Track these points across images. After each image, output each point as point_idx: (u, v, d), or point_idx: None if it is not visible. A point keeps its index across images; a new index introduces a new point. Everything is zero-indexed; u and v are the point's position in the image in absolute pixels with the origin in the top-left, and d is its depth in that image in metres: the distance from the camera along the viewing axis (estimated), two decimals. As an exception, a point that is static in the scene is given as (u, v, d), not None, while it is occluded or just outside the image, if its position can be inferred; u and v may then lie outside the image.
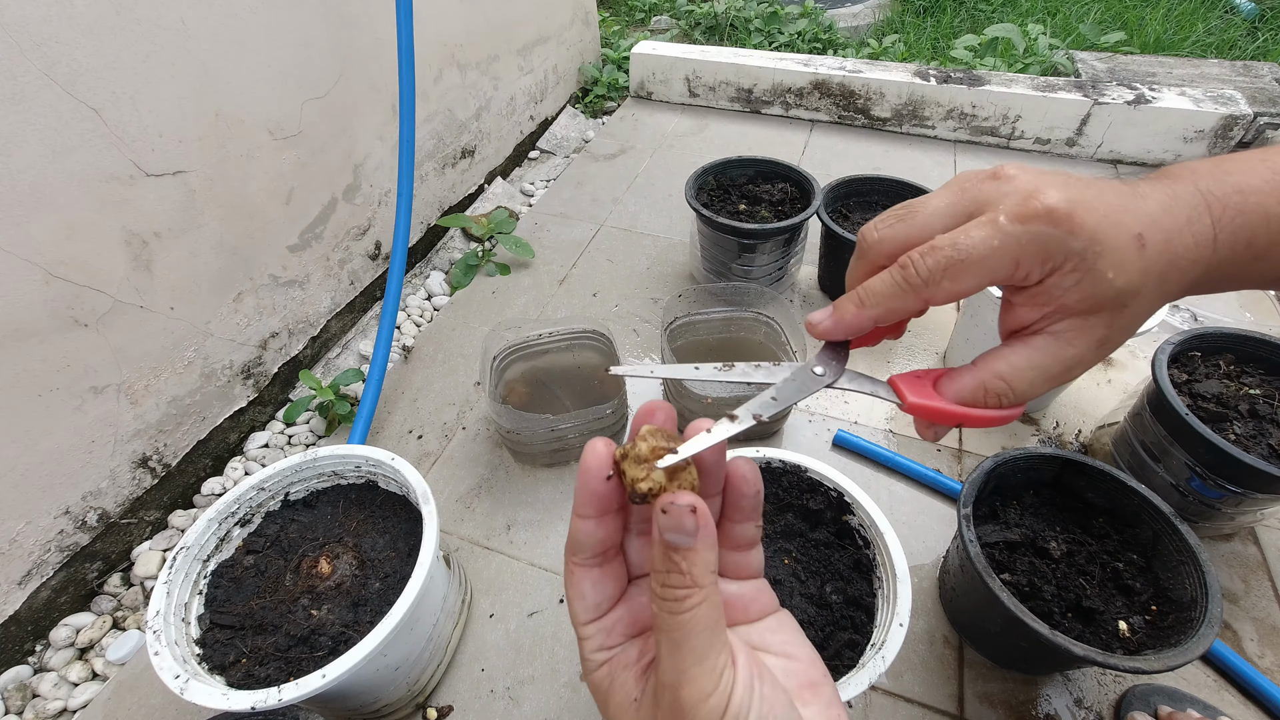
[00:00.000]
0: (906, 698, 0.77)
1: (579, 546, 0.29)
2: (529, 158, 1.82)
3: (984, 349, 0.31)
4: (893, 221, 0.32)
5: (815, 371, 0.32)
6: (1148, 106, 1.54)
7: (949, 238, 0.29)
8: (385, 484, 0.78)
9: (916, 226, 0.31)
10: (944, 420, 0.31)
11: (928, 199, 0.31)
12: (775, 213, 1.20)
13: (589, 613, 0.30)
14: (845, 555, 0.72)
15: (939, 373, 0.32)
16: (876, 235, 0.32)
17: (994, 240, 0.28)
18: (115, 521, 0.91)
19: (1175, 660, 0.59)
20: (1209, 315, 1.24)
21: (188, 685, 0.58)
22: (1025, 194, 0.28)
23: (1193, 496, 0.81)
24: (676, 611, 0.25)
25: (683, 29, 2.51)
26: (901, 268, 0.30)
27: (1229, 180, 0.30)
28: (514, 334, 1.03)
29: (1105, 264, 0.28)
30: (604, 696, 0.29)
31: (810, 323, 0.34)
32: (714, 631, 0.26)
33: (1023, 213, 0.28)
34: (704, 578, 0.25)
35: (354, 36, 1.12)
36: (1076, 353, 0.29)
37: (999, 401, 0.30)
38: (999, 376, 0.30)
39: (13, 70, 0.69)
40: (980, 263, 0.28)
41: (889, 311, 0.31)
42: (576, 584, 0.30)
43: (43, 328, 0.77)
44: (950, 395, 0.31)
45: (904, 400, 0.32)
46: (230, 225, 0.97)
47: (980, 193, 0.30)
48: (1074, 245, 0.28)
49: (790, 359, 1.03)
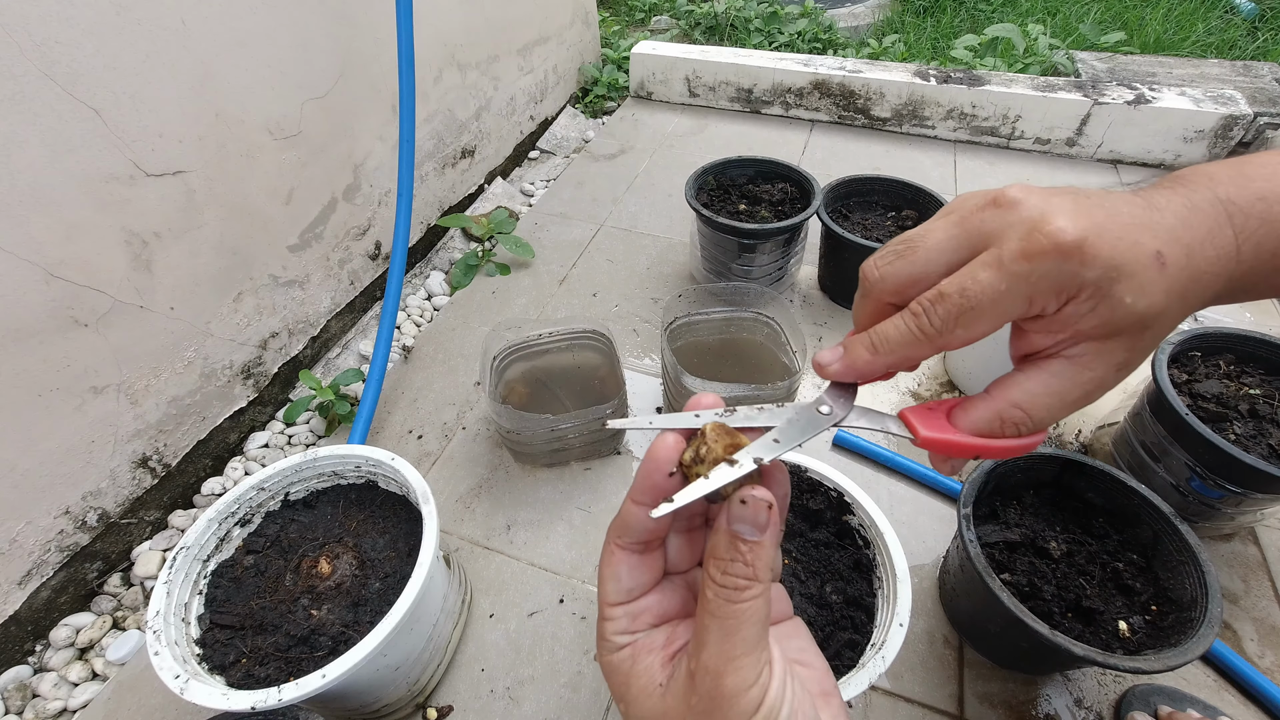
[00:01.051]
0: (906, 698, 0.77)
1: (626, 529, 0.30)
2: (529, 158, 1.82)
3: (992, 365, 0.31)
4: (893, 259, 0.30)
5: (821, 411, 0.32)
6: (1148, 106, 1.54)
7: (956, 284, 0.28)
8: (385, 484, 0.78)
9: (919, 264, 0.29)
10: (961, 453, 0.30)
11: (927, 232, 0.30)
12: (775, 213, 1.20)
13: (619, 595, 0.30)
14: (845, 555, 0.72)
15: (952, 403, 0.31)
16: (878, 274, 0.30)
17: (1001, 284, 0.27)
18: (115, 521, 0.91)
19: (1175, 660, 0.59)
20: (1209, 315, 1.24)
21: (188, 685, 0.58)
22: (1029, 227, 0.27)
23: (1193, 496, 0.81)
24: (734, 600, 0.26)
25: (683, 29, 2.51)
26: (914, 315, 0.29)
27: (1251, 188, 0.29)
28: (514, 334, 1.03)
29: (1123, 289, 0.26)
30: (623, 678, 0.29)
31: (820, 364, 0.32)
32: (763, 627, 0.26)
33: (1028, 249, 0.26)
34: (765, 573, 0.26)
35: (354, 36, 1.12)
36: (1095, 376, 0.28)
37: (1017, 431, 0.29)
38: (1016, 405, 0.29)
39: (13, 70, 0.69)
40: (991, 307, 0.27)
41: (903, 359, 0.30)
42: (614, 565, 0.30)
43: (43, 328, 0.77)
44: (965, 427, 0.30)
45: (917, 435, 0.31)
46: (230, 225, 0.97)
47: (981, 224, 0.28)
48: (1088, 275, 0.26)
49: (790, 359, 1.03)
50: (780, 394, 0.90)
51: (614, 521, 0.31)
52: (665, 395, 1.08)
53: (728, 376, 0.91)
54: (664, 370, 1.02)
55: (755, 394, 0.89)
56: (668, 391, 1.05)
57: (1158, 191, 0.29)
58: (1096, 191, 0.29)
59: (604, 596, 0.31)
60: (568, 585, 0.87)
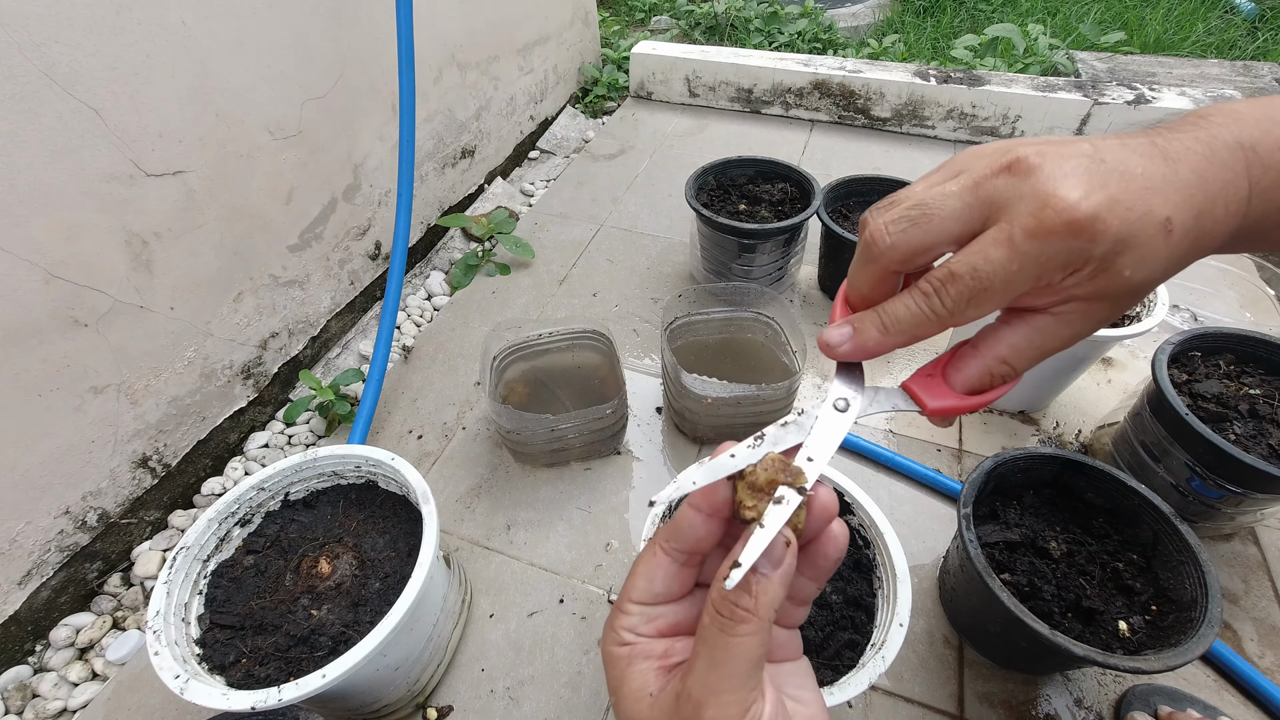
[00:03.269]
0: (906, 698, 0.77)
1: (678, 534, 0.30)
2: (529, 158, 1.82)
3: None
4: (905, 225, 0.29)
5: (838, 407, 0.32)
6: (1148, 106, 1.54)
7: (967, 263, 0.28)
8: (385, 484, 0.78)
9: (932, 233, 0.29)
10: (962, 413, 0.32)
11: (943, 198, 0.28)
12: (775, 213, 1.20)
13: (645, 595, 0.30)
14: (845, 555, 0.72)
15: (944, 359, 0.32)
16: (889, 240, 0.29)
17: (1013, 265, 0.27)
18: (115, 521, 0.91)
19: (1175, 660, 0.59)
20: (1209, 315, 1.24)
21: (188, 685, 0.58)
22: (1041, 201, 0.26)
23: (1193, 496, 0.81)
24: (728, 632, 0.25)
25: (683, 29, 2.51)
26: (925, 296, 0.29)
27: (1274, 133, 0.28)
28: (514, 334, 1.03)
29: (1125, 262, 0.26)
30: (619, 674, 0.29)
31: (828, 344, 0.32)
32: (756, 666, 0.26)
33: (1040, 228, 0.26)
34: (766, 612, 0.26)
35: (354, 37, 1.12)
36: (1075, 331, 0.29)
37: (1003, 381, 0.31)
38: (1002, 360, 0.30)
39: (13, 70, 0.69)
40: (1003, 288, 0.27)
41: (913, 339, 0.30)
42: (653, 567, 0.30)
43: (43, 328, 0.77)
44: (959, 385, 0.31)
45: (925, 408, 0.32)
46: (230, 225, 0.97)
47: (995, 193, 0.27)
48: (1096, 251, 0.26)
49: (790, 359, 1.03)
50: (780, 394, 0.90)
51: (666, 526, 0.30)
52: (665, 395, 1.08)
53: (728, 376, 0.91)
54: (664, 370, 1.02)
55: (756, 394, 0.89)
56: (668, 392, 1.05)
57: (1176, 134, 0.28)
58: (1112, 141, 0.28)
59: (628, 591, 0.30)
60: (568, 585, 0.87)
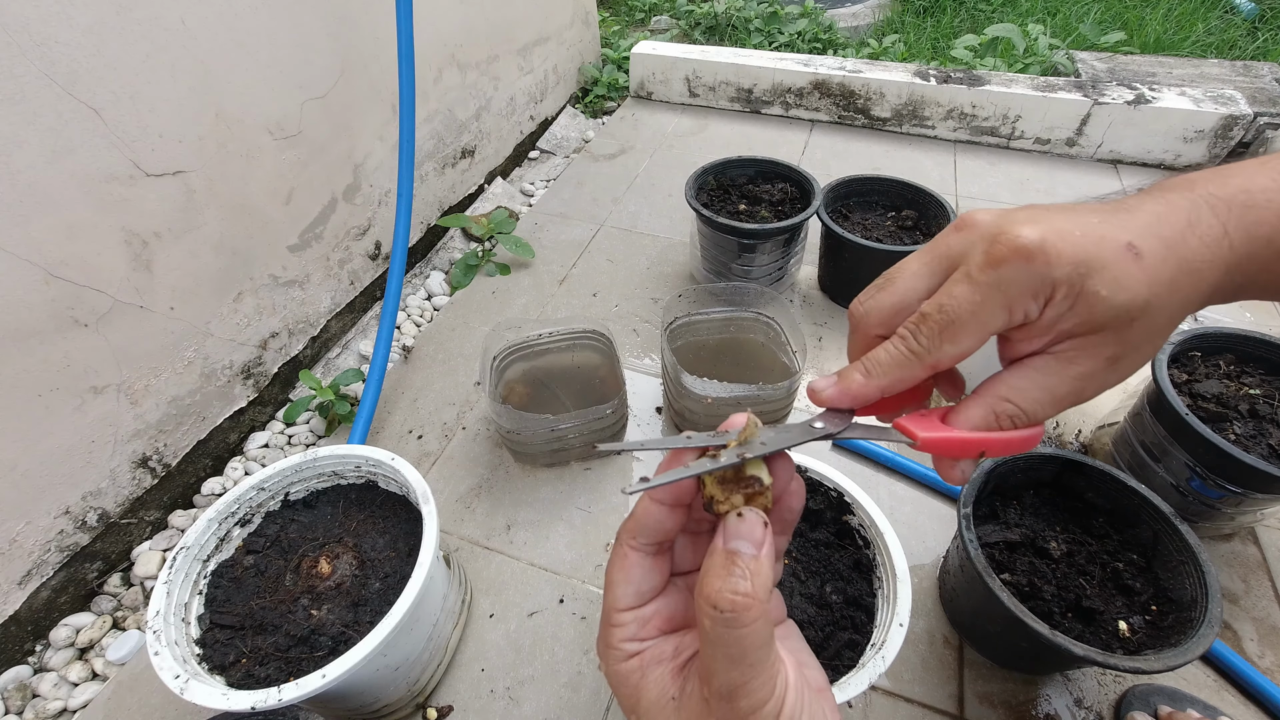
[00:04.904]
0: (906, 698, 0.77)
1: (643, 530, 0.29)
2: (529, 158, 1.82)
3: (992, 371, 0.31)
4: (874, 292, 0.32)
5: (815, 425, 0.32)
6: (1148, 106, 1.54)
7: (934, 303, 0.29)
8: (385, 484, 0.78)
9: (898, 293, 0.31)
10: (963, 451, 0.31)
11: (903, 264, 0.32)
12: (775, 213, 1.20)
13: (631, 599, 0.30)
14: (845, 555, 0.72)
15: (944, 409, 0.32)
16: (863, 309, 0.32)
17: (976, 295, 0.28)
18: (115, 521, 0.91)
19: (1175, 660, 0.59)
20: (1209, 315, 1.24)
21: (188, 685, 0.58)
22: (990, 239, 0.28)
23: (1193, 496, 0.81)
24: (735, 625, 0.25)
25: (683, 29, 2.51)
26: (901, 338, 0.30)
27: (1232, 182, 0.29)
28: (514, 334, 1.03)
29: (1097, 283, 0.27)
30: (633, 690, 0.29)
31: (814, 390, 0.32)
32: (769, 643, 0.26)
33: (992, 258, 0.27)
34: (763, 593, 0.26)
35: (354, 36, 1.12)
36: (1084, 370, 0.29)
37: (1012, 423, 0.30)
38: (1005, 399, 0.30)
39: (13, 70, 0.69)
40: (972, 319, 0.28)
41: (897, 381, 0.31)
42: (629, 567, 0.30)
43: (43, 328, 0.77)
44: (961, 426, 0.30)
45: (915, 439, 0.31)
46: (230, 225, 0.97)
47: (949, 248, 0.30)
48: (1058, 274, 0.27)
49: (790, 359, 1.03)
50: (780, 394, 0.90)
51: (626, 524, 0.30)
52: (665, 395, 1.08)
53: (727, 376, 0.91)
54: (664, 370, 1.02)
55: (756, 394, 0.89)
56: (668, 391, 1.05)
57: (1132, 198, 0.30)
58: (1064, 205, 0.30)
59: (613, 602, 0.30)
60: (568, 585, 0.87)
